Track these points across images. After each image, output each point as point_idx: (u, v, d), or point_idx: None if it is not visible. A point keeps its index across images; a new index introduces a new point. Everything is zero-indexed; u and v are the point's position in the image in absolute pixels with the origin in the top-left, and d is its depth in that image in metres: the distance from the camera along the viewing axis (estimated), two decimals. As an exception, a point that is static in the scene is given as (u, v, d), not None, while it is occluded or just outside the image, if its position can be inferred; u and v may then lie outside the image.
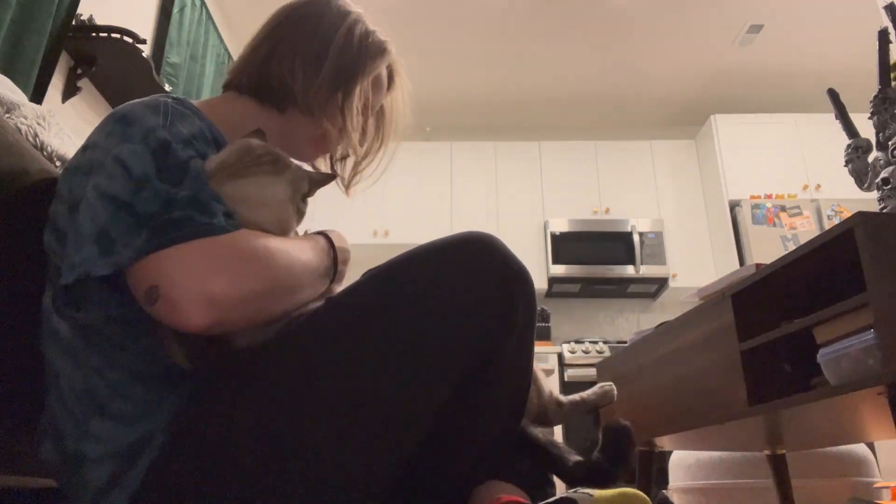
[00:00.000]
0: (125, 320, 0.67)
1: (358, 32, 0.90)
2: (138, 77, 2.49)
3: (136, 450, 0.66)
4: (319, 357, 0.67)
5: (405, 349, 0.66)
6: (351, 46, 0.88)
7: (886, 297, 0.78)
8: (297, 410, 0.65)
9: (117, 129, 0.69)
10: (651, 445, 1.56)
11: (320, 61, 0.86)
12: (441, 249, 0.70)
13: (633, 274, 4.13)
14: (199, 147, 0.71)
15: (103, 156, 0.67)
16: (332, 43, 0.88)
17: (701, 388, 1.16)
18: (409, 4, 3.66)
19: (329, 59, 0.87)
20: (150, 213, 0.62)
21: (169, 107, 0.72)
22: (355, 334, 0.67)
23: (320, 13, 0.90)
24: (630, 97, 4.56)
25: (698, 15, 3.74)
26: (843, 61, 4.05)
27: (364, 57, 0.90)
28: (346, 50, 0.88)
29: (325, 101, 0.87)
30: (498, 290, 0.69)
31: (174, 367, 0.69)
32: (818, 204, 3.87)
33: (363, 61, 0.89)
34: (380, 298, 0.69)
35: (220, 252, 0.62)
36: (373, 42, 0.91)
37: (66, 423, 0.68)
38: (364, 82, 0.90)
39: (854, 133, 1.32)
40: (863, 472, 1.66)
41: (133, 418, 0.67)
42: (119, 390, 0.67)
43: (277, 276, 0.66)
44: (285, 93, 0.86)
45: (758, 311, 1.05)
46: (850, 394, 0.83)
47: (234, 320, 0.63)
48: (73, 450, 0.67)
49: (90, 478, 0.66)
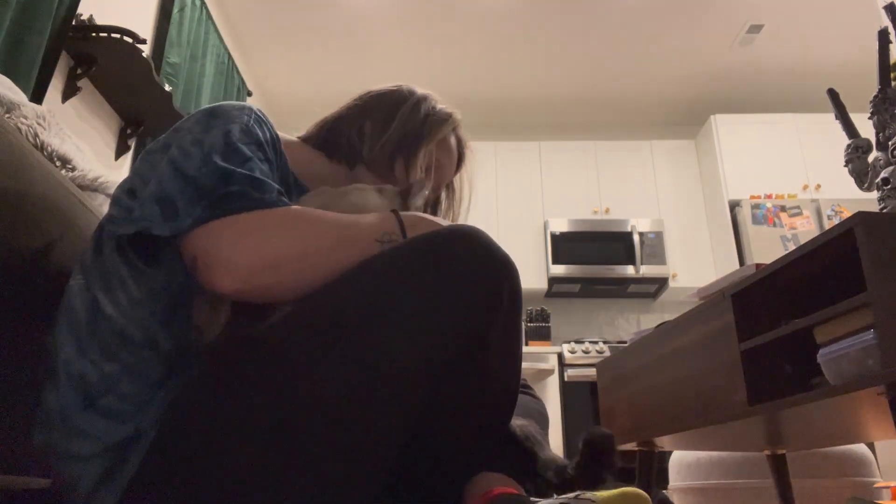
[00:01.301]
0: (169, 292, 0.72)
1: (426, 104, 1.00)
2: (138, 77, 2.49)
3: (127, 447, 0.67)
4: (306, 353, 0.67)
5: (392, 343, 0.66)
6: (418, 111, 0.98)
7: (886, 297, 0.78)
8: (285, 407, 0.65)
9: (203, 119, 0.78)
10: (651, 445, 1.56)
11: (388, 122, 0.96)
12: (427, 244, 0.71)
13: (633, 274, 4.13)
14: (268, 153, 0.79)
15: (185, 137, 0.75)
16: (400, 109, 0.97)
17: (701, 388, 1.16)
18: (410, 4, 3.66)
19: (396, 121, 0.96)
20: (209, 187, 0.70)
21: (254, 112, 0.81)
22: (341, 329, 0.67)
23: (394, 91, 1.01)
24: (630, 97, 4.56)
25: (698, 15, 3.74)
26: (843, 61, 4.05)
27: (429, 120, 0.98)
28: (413, 115, 0.97)
29: (390, 159, 0.94)
30: (483, 282, 0.70)
31: (166, 366, 0.70)
32: (818, 204, 3.87)
33: (428, 125, 0.97)
34: (366, 294, 0.69)
35: (253, 222, 0.69)
36: (439, 110, 1.00)
37: (58, 417, 0.68)
38: (430, 144, 0.97)
39: (854, 133, 1.32)
40: (863, 472, 1.66)
41: (123, 415, 0.67)
42: (111, 385, 0.68)
43: (308, 239, 0.71)
44: (352, 150, 0.95)
45: (758, 311, 1.05)
46: (850, 394, 0.83)
47: (268, 283, 0.69)
48: (64, 446, 0.67)
49: (81, 474, 0.66)
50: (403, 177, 0.94)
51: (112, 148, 2.74)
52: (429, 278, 0.68)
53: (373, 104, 0.98)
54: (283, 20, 3.75)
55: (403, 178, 0.94)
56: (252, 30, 3.85)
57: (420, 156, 0.95)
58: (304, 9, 3.67)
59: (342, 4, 3.66)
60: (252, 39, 3.93)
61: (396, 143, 0.94)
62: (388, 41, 3.93)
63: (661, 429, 1.33)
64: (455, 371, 0.70)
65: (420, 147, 0.95)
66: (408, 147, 0.95)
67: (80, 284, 0.72)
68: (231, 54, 3.75)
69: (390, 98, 0.99)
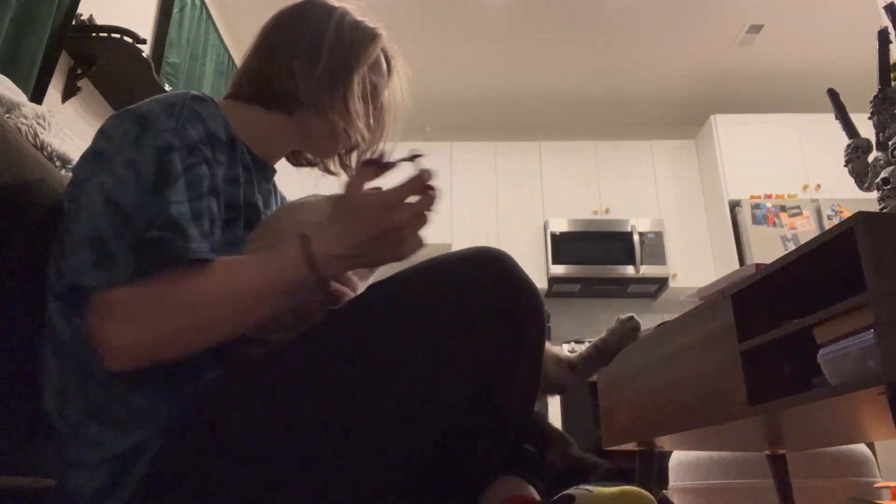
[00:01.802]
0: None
1: (347, 24, 0.92)
2: (138, 77, 2.48)
3: (132, 456, 0.66)
4: (323, 369, 0.66)
5: (412, 365, 0.65)
6: (343, 38, 0.90)
7: (886, 297, 0.78)
8: (296, 421, 0.65)
9: (133, 130, 0.72)
10: (651, 445, 1.56)
11: (316, 58, 0.88)
12: (455, 265, 0.69)
13: (633, 274, 4.12)
14: (205, 153, 0.73)
15: (113, 152, 0.70)
16: (323, 38, 0.89)
17: (701, 388, 1.16)
18: (410, 4, 3.66)
19: (323, 53, 0.88)
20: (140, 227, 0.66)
21: (185, 108, 0.74)
22: (360, 347, 0.66)
23: (307, 14, 0.93)
24: (630, 97, 4.56)
25: (698, 15, 3.74)
26: (843, 61, 4.05)
27: (357, 45, 0.91)
28: (339, 42, 0.89)
29: (328, 95, 0.88)
30: (509, 309, 0.68)
31: (169, 375, 0.69)
32: (818, 204, 3.87)
33: (357, 50, 0.91)
34: (387, 312, 0.68)
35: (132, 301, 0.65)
36: (363, 30, 0.93)
37: (62, 427, 0.67)
38: (362, 69, 0.91)
39: (854, 133, 1.32)
40: (863, 472, 1.66)
41: (128, 425, 0.67)
42: (114, 396, 0.67)
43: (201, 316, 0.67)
44: (288, 95, 0.88)
45: (758, 311, 1.04)
46: (850, 394, 0.83)
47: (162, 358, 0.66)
48: (68, 455, 0.67)
49: (83, 482, 0.66)
50: (343, 110, 0.88)
51: (112, 148, 2.74)
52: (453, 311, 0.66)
53: (293, 34, 0.91)
54: (283, 20, 3.75)
55: (344, 111, 0.88)
56: (252, 30, 3.81)
57: (355, 86, 0.89)
58: (304, 9, 3.66)
59: (342, 4, 3.66)
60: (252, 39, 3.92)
61: (329, 78, 0.87)
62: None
63: (661, 429, 1.33)
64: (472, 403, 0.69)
65: (353, 76, 0.89)
66: (342, 79, 0.88)
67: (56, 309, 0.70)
68: (231, 54, 3.75)
69: (309, 22, 0.91)
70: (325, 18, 0.91)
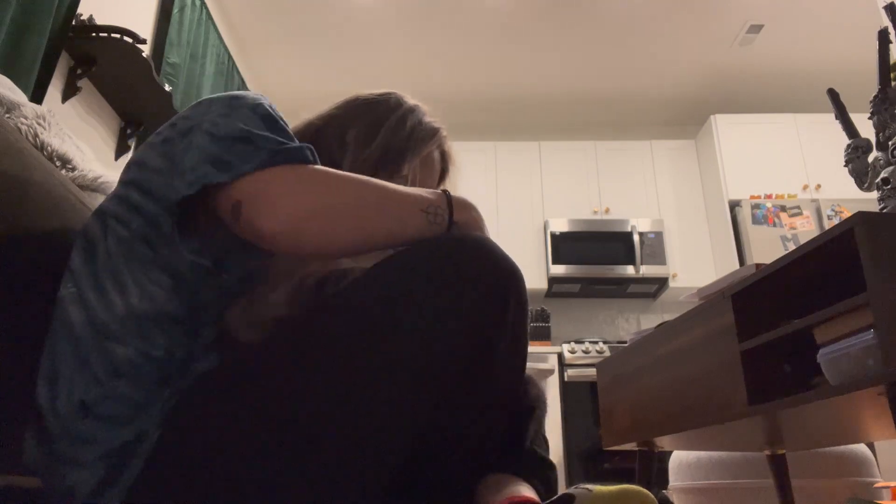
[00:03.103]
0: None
1: (413, 116, 0.96)
2: (138, 77, 2.49)
3: (127, 452, 0.66)
4: (312, 357, 0.67)
5: (398, 351, 0.66)
6: (403, 126, 0.93)
7: (886, 297, 0.78)
8: (289, 410, 0.65)
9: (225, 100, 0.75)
10: (651, 445, 1.56)
11: (372, 136, 0.91)
12: (433, 250, 0.70)
13: (633, 274, 4.12)
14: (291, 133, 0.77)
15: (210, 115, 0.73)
16: (385, 121, 0.93)
17: (701, 388, 1.16)
18: (410, 4, 3.66)
19: (380, 134, 0.92)
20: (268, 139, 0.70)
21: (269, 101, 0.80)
22: (348, 335, 0.67)
23: (381, 99, 0.98)
24: (630, 97, 4.56)
25: (698, 15, 3.74)
26: (843, 61, 4.05)
27: (414, 137, 0.94)
28: (398, 128, 0.93)
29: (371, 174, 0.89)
30: (491, 291, 0.69)
31: (164, 369, 0.69)
32: (818, 204, 3.87)
33: (413, 141, 0.94)
34: (371, 300, 0.68)
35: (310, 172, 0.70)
36: (425, 124, 0.97)
37: (56, 423, 0.67)
38: (412, 162, 0.93)
39: (854, 133, 1.32)
40: (863, 472, 1.66)
41: (123, 420, 0.67)
42: (111, 391, 0.67)
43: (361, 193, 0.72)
44: (332, 161, 0.89)
45: (758, 311, 1.04)
46: (850, 394, 0.83)
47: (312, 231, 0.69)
48: (62, 452, 0.66)
49: (81, 479, 0.65)
50: None
51: (112, 148, 2.74)
52: (437, 287, 0.67)
53: (359, 112, 0.95)
54: (282, 20, 3.75)
55: None
56: (252, 30, 3.85)
57: (403, 174, 0.92)
58: (304, 8, 3.67)
59: (342, 4, 3.66)
60: (252, 39, 3.93)
61: (378, 157, 0.91)
62: (387, 41, 3.93)
63: (661, 429, 1.33)
64: (462, 377, 0.70)
65: (402, 164, 0.92)
66: (390, 163, 0.91)
67: (71, 294, 0.71)
68: (231, 54, 3.75)
69: (377, 107, 0.96)
70: (394, 107, 0.96)
